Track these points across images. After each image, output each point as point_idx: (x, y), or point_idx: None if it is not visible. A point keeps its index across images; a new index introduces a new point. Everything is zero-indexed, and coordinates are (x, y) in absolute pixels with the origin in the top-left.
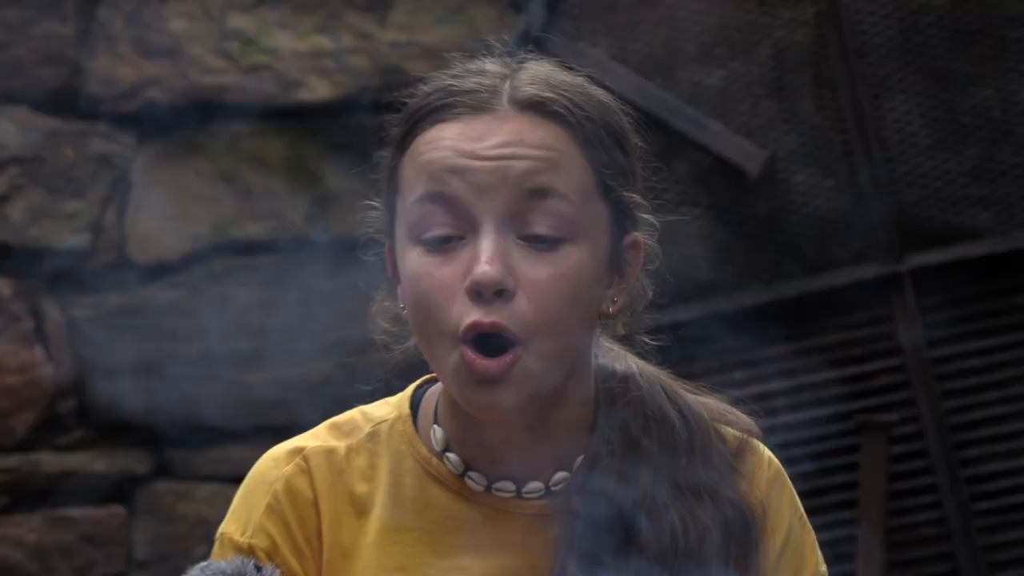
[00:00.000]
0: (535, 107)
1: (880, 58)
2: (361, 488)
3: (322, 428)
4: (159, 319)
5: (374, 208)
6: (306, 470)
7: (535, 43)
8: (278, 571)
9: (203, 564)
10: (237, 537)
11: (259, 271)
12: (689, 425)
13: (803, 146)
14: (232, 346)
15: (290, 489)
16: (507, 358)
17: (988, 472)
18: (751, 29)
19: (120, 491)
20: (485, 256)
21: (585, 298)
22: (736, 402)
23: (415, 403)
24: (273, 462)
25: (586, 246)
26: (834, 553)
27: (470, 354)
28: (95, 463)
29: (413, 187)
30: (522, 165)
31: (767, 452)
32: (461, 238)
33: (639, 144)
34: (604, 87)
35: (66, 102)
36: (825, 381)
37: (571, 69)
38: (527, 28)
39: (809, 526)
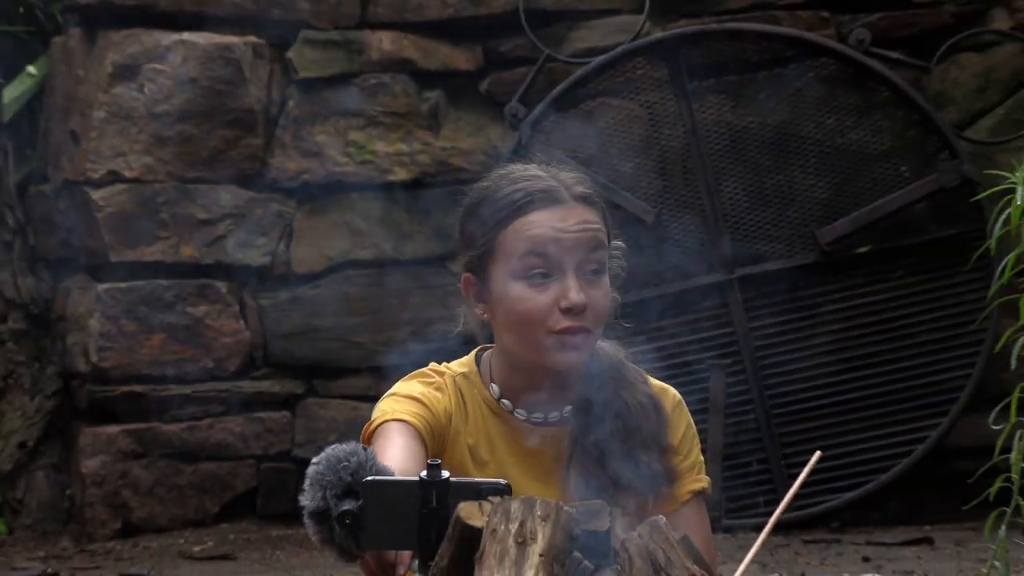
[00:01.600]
0: (585, 199)
1: (720, 158)
2: (461, 407)
3: (435, 365)
4: (309, 306)
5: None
6: (442, 387)
7: (525, 149)
8: (374, 452)
9: (332, 446)
10: (399, 416)
11: (366, 278)
12: (630, 380)
13: (677, 207)
14: (349, 321)
15: (430, 397)
16: (586, 337)
17: (782, 392)
18: (647, 140)
19: (287, 403)
20: (574, 290)
21: (611, 302)
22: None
23: (478, 364)
24: (421, 376)
25: (607, 273)
26: None
27: (568, 338)
28: (273, 387)
29: (518, 248)
30: (587, 235)
31: (675, 392)
32: (552, 276)
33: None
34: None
35: (258, 182)
36: (689, 342)
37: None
38: (520, 139)
39: (697, 435)
